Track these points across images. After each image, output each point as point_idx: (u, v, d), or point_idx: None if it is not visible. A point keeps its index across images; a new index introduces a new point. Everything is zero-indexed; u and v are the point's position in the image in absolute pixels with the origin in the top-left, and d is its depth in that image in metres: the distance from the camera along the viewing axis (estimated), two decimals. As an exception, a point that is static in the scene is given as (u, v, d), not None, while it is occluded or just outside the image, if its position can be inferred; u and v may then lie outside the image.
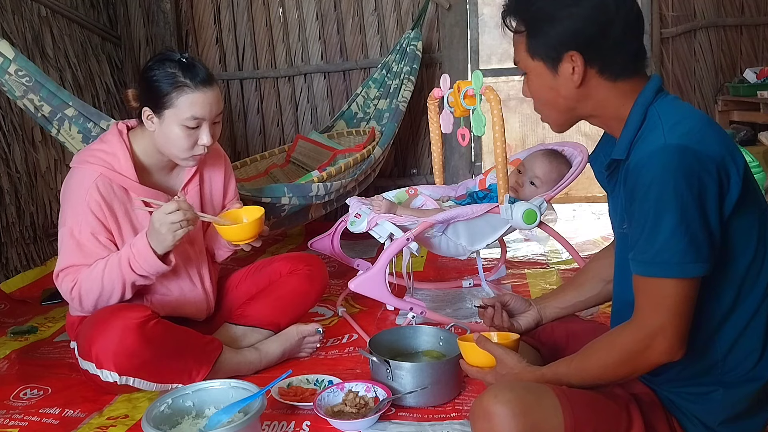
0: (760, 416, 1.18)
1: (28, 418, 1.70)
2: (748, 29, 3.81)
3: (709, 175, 1.04)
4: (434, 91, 2.40)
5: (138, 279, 1.71)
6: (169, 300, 1.87)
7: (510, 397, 1.12)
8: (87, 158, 1.76)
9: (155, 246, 1.66)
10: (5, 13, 2.99)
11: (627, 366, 1.12)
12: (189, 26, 3.91)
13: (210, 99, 1.73)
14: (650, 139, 1.10)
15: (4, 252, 2.91)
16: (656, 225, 1.05)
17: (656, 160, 1.06)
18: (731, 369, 1.15)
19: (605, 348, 1.14)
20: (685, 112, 1.14)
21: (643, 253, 1.08)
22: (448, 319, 2.12)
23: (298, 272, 2.04)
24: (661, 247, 1.05)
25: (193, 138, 1.74)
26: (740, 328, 1.14)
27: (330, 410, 1.61)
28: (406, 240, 2.08)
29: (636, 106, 1.17)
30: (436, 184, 2.58)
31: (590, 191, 3.90)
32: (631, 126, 1.17)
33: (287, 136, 3.95)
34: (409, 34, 3.48)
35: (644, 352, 1.08)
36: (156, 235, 1.65)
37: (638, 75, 1.20)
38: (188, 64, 1.72)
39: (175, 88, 1.69)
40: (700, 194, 1.04)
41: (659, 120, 1.12)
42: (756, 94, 3.47)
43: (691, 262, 1.04)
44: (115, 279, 1.69)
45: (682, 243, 1.04)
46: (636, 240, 1.10)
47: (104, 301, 1.73)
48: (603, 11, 1.14)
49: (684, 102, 1.20)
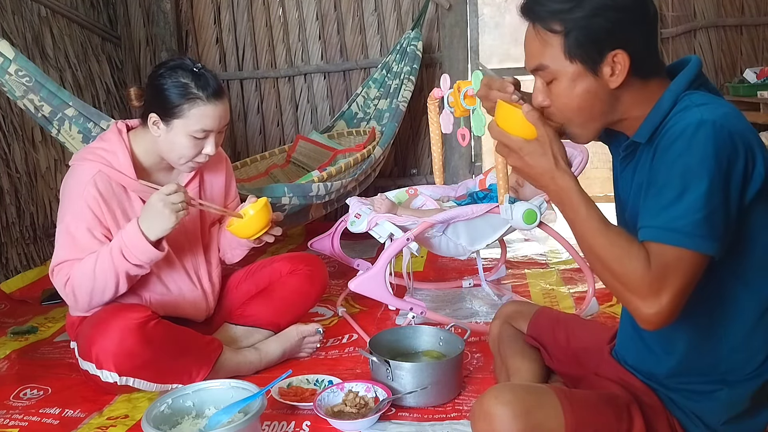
0: (761, 416, 1.17)
1: (28, 418, 1.70)
2: (748, 29, 3.81)
3: (738, 156, 1.02)
4: (434, 91, 2.39)
5: (131, 268, 1.68)
6: (168, 300, 1.87)
7: (510, 398, 1.12)
8: (86, 156, 1.77)
9: (149, 231, 1.64)
10: (5, 13, 2.99)
11: (614, 283, 1.06)
12: (189, 26, 3.91)
13: (220, 112, 1.74)
14: (684, 117, 1.07)
15: (4, 252, 2.91)
16: (678, 194, 1.02)
17: (690, 131, 1.03)
18: (736, 367, 1.14)
19: (624, 251, 1.05)
20: (720, 101, 1.11)
21: (655, 218, 1.03)
22: (448, 319, 2.12)
23: (298, 272, 2.04)
24: (677, 214, 1.01)
25: (198, 148, 1.75)
26: (749, 326, 1.12)
27: (330, 410, 1.61)
28: (406, 240, 2.08)
29: (667, 93, 1.13)
30: (436, 184, 2.57)
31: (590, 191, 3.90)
32: (659, 110, 1.12)
33: (287, 136, 3.95)
34: (409, 34, 3.48)
35: (633, 299, 1.03)
36: (154, 218, 1.63)
37: (663, 75, 1.17)
38: (201, 75, 1.72)
39: (187, 99, 1.70)
40: (727, 173, 1.01)
41: (692, 104, 1.08)
42: (756, 94, 3.46)
43: (701, 236, 1.00)
44: (107, 270, 1.67)
45: (698, 215, 1.00)
46: (650, 207, 1.05)
47: (99, 295, 1.71)
48: (642, 5, 1.10)
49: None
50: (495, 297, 2.43)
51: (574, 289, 2.54)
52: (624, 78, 1.10)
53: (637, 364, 1.26)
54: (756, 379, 1.14)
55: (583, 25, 1.09)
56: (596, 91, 1.12)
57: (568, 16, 1.09)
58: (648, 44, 1.12)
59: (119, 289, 1.71)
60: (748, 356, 1.13)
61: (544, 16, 1.12)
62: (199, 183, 1.93)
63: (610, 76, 1.11)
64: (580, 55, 1.10)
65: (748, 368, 1.14)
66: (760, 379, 1.14)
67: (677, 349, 1.17)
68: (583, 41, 1.09)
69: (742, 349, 1.13)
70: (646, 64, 1.13)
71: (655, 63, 1.15)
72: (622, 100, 1.14)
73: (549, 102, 1.17)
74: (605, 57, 1.09)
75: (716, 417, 1.16)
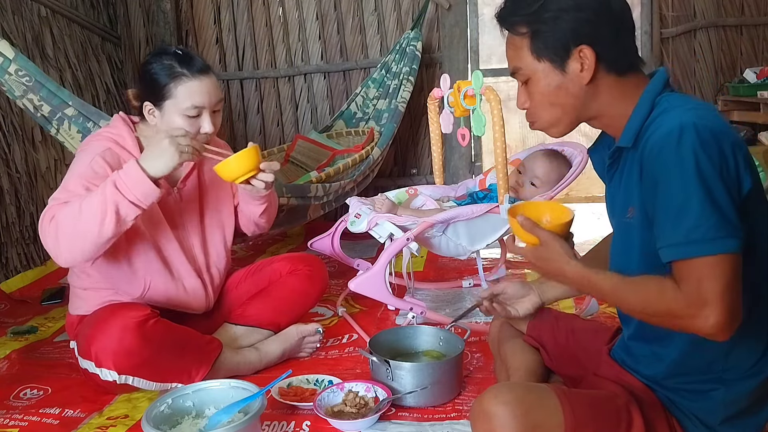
0: (761, 414, 1.18)
1: (28, 418, 1.70)
2: (748, 29, 3.81)
3: (726, 153, 1.03)
4: (434, 91, 2.40)
5: (121, 202, 1.58)
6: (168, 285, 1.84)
7: (510, 397, 1.12)
8: (94, 138, 1.79)
9: (148, 166, 1.60)
10: (5, 13, 2.99)
11: (664, 319, 1.08)
12: (189, 26, 3.91)
13: (208, 86, 1.74)
14: (664, 121, 1.09)
15: (4, 252, 2.91)
16: (684, 205, 1.02)
17: (674, 139, 1.04)
18: (733, 366, 1.14)
19: (654, 293, 1.08)
20: (695, 101, 1.13)
21: (673, 237, 1.04)
22: (448, 319, 2.12)
23: (298, 272, 2.04)
24: (692, 226, 1.01)
25: (195, 127, 1.74)
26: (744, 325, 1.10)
27: (330, 410, 1.61)
28: (406, 240, 2.08)
29: (645, 94, 1.16)
30: (436, 184, 2.57)
31: (590, 191, 3.90)
32: (639, 114, 1.15)
33: (287, 136, 3.95)
34: (408, 34, 3.48)
35: (687, 320, 1.04)
36: (157, 154, 1.60)
37: (641, 71, 1.20)
38: (184, 55, 1.74)
39: (172, 78, 1.71)
40: (722, 170, 1.02)
41: (670, 106, 1.11)
42: (756, 94, 3.47)
43: (724, 237, 1.00)
44: (96, 203, 1.57)
45: (712, 219, 1.00)
46: (662, 226, 1.06)
47: (81, 237, 1.59)
48: (607, 3, 1.14)
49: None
50: (495, 297, 2.43)
51: (574, 289, 2.54)
52: (594, 73, 1.16)
53: (636, 364, 1.26)
54: (753, 377, 1.14)
55: (547, 25, 1.15)
56: (567, 86, 1.18)
57: (532, 19, 1.17)
58: (617, 39, 1.16)
59: (103, 231, 1.58)
60: (744, 355, 1.14)
61: (512, 22, 1.20)
62: (198, 174, 1.92)
63: (579, 71, 1.16)
64: (547, 53, 1.17)
65: (744, 366, 1.14)
66: (757, 378, 1.14)
67: (674, 351, 1.17)
68: (548, 41, 1.17)
69: (738, 347, 1.13)
70: (620, 60, 1.17)
71: (629, 58, 1.19)
72: (598, 95, 1.19)
73: (529, 102, 1.24)
74: (571, 53, 1.16)
75: (714, 416, 1.16)
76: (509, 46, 1.23)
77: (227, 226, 1.99)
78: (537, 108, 1.24)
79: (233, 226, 2.01)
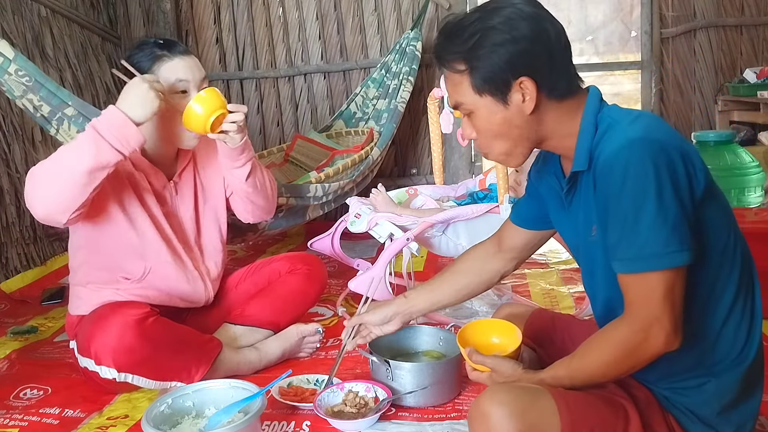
0: (754, 399, 1.19)
1: (28, 418, 1.70)
2: (748, 29, 3.81)
3: (676, 162, 1.05)
4: (434, 91, 2.40)
5: (102, 146, 1.53)
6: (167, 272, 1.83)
7: (507, 398, 1.12)
8: None
9: (130, 111, 1.56)
10: (5, 13, 2.99)
11: (627, 360, 1.11)
12: (189, 26, 3.91)
13: (190, 63, 1.77)
14: (611, 138, 1.11)
15: (4, 252, 2.91)
16: (636, 220, 1.05)
17: (623, 155, 1.06)
18: (720, 358, 1.16)
19: (602, 345, 1.14)
20: (636, 112, 1.16)
21: (627, 251, 1.07)
22: (448, 319, 2.13)
23: (298, 272, 2.04)
24: (645, 241, 1.04)
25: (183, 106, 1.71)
26: (723, 316, 1.14)
27: (330, 410, 1.61)
28: (406, 240, 2.08)
29: (585, 115, 1.17)
30: (436, 184, 2.57)
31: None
32: (586, 135, 1.17)
33: (287, 136, 3.95)
34: (408, 34, 3.48)
35: (642, 344, 1.08)
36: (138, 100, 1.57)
37: (579, 91, 1.21)
38: (164, 42, 1.77)
39: (155, 61, 1.73)
40: (672, 181, 1.04)
41: (614, 122, 1.13)
42: (756, 94, 3.47)
43: (675, 251, 1.04)
44: (73, 147, 1.55)
45: (663, 232, 1.03)
46: (617, 241, 1.09)
47: (57, 173, 1.54)
48: (541, 32, 1.14)
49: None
50: (495, 297, 2.43)
51: (574, 289, 2.54)
52: (536, 102, 1.15)
53: None
54: (739, 365, 1.16)
55: (484, 61, 1.15)
56: (511, 118, 1.18)
57: (468, 56, 1.16)
58: (553, 67, 1.16)
59: (80, 177, 1.52)
60: (728, 346, 1.16)
61: (448, 60, 1.19)
62: (194, 169, 1.92)
63: (522, 102, 1.16)
64: (488, 89, 1.17)
65: (730, 356, 1.16)
66: (743, 365, 1.16)
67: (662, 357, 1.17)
68: (487, 76, 1.16)
69: (724, 339, 1.15)
70: (558, 86, 1.17)
71: (567, 82, 1.19)
72: (543, 122, 1.20)
73: (476, 134, 1.24)
74: (512, 86, 1.15)
75: (709, 408, 1.17)
76: (449, 83, 1.22)
77: (221, 221, 1.99)
78: (485, 140, 1.24)
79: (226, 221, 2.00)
